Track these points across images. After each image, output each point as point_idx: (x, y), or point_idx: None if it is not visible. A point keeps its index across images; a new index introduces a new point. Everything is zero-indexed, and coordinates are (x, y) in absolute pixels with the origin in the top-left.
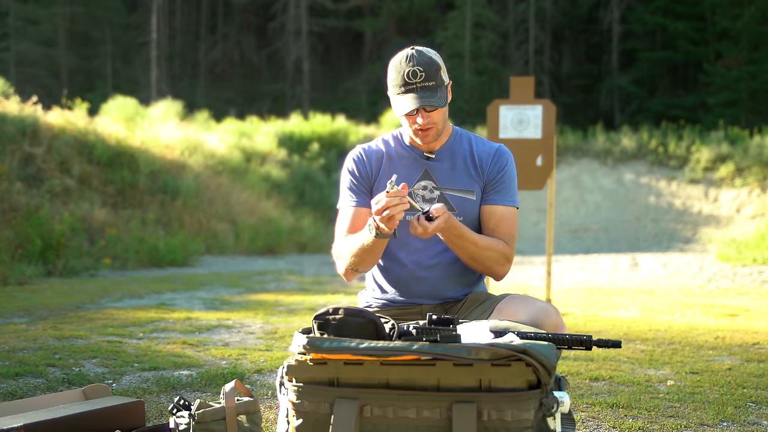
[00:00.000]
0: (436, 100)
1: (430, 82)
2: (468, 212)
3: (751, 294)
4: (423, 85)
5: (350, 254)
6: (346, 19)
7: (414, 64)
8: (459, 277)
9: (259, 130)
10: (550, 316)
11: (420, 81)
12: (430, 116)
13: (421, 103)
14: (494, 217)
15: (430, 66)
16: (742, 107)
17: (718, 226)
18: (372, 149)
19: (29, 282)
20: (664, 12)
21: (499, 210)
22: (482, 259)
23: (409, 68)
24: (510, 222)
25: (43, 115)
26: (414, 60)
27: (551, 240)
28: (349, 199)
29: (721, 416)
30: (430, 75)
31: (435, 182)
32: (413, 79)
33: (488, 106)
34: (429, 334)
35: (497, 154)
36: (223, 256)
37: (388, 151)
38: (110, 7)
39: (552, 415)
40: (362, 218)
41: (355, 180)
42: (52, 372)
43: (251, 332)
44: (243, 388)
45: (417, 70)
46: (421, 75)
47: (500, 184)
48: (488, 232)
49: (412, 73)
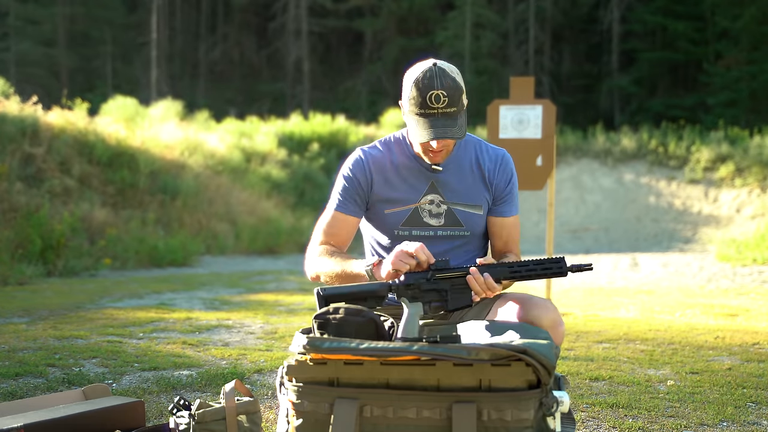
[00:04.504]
0: (456, 130)
1: (452, 108)
2: (475, 227)
3: (751, 294)
4: (444, 112)
5: (328, 274)
6: (346, 19)
7: (438, 87)
8: None
9: (259, 130)
10: (548, 312)
11: (442, 107)
12: (446, 142)
13: (440, 134)
14: (505, 229)
15: (454, 91)
16: (742, 107)
17: (718, 226)
18: (375, 156)
19: (29, 282)
20: (664, 12)
21: (509, 222)
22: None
23: (433, 91)
24: (517, 230)
25: (43, 115)
26: (439, 82)
27: (551, 240)
28: (337, 203)
29: (721, 416)
30: (454, 101)
31: (442, 196)
32: (435, 103)
33: (488, 106)
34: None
35: (503, 164)
36: (223, 256)
37: (391, 159)
38: (110, 7)
39: (552, 415)
40: (342, 225)
41: (349, 186)
42: (52, 372)
43: (251, 332)
44: (243, 388)
45: (441, 95)
46: (444, 101)
47: (508, 195)
48: (500, 243)
49: (436, 97)
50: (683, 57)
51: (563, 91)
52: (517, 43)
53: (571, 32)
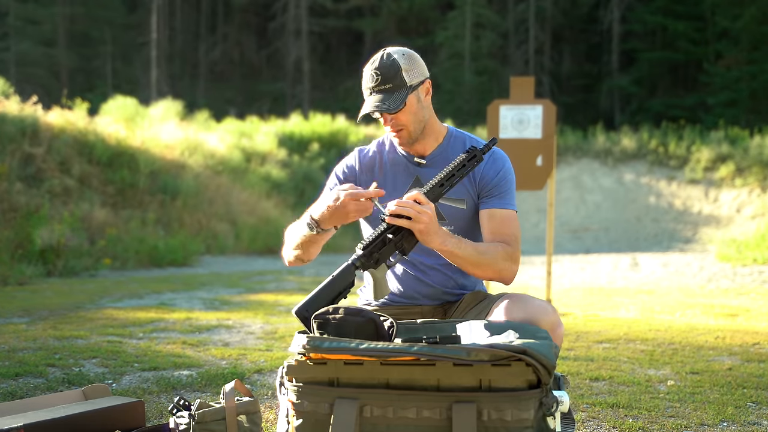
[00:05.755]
0: (390, 103)
1: (386, 84)
2: (458, 221)
3: (751, 294)
4: (379, 89)
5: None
6: (346, 19)
7: (373, 68)
8: (459, 278)
9: (259, 130)
10: (547, 314)
11: (376, 85)
12: (396, 119)
13: (373, 107)
14: (494, 220)
15: (388, 68)
16: (742, 107)
17: (718, 226)
18: (368, 156)
19: (29, 282)
20: (664, 12)
21: (498, 212)
22: (484, 263)
23: (368, 72)
24: (511, 223)
25: (43, 115)
26: (375, 63)
27: (551, 240)
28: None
29: (721, 416)
30: (387, 78)
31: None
32: (370, 83)
33: (488, 106)
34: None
35: (491, 160)
36: (223, 256)
37: (381, 158)
38: (110, 7)
39: (552, 415)
40: None
41: (339, 183)
42: (52, 372)
43: (251, 332)
44: (243, 388)
45: (374, 74)
46: (377, 78)
47: (496, 189)
48: (489, 235)
49: (370, 77)
50: (683, 57)
51: (563, 91)
52: (517, 43)
53: (571, 32)
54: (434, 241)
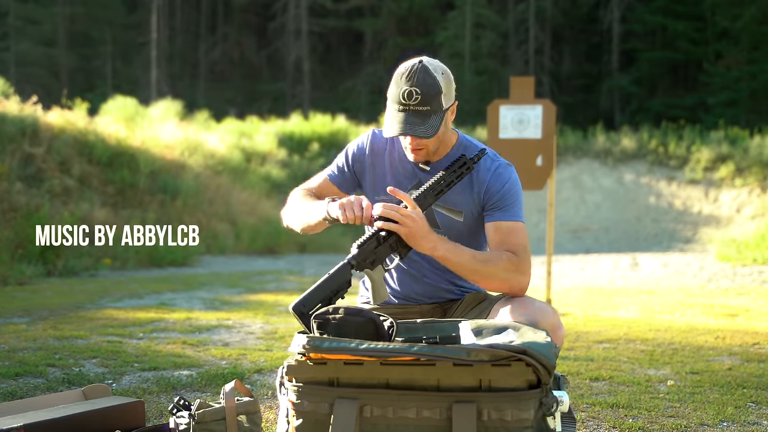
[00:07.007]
0: (424, 128)
1: (424, 107)
2: (452, 232)
3: (751, 294)
4: (416, 109)
5: (295, 209)
6: (346, 19)
7: (412, 84)
8: (459, 279)
9: (259, 130)
10: (547, 315)
11: (414, 104)
12: (421, 141)
13: (406, 130)
14: (500, 231)
15: (429, 89)
16: (742, 107)
17: (718, 226)
18: (382, 144)
19: (29, 282)
20: (664, 12)
21: (504, 225)
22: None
23: (407, 87)
24: (518, 234)
25: (43, 115)
26: (414, 79)
27: (551, 240)
28: (331, 170)
29: (721, 416)
30: (427, 99)
31: None
32: (407, 100)
33: (488, 106)
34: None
35: (495, 174)
36: (223, 256)
37: (392, 152)
38: (110, 7)
39: (552, 415)
40: (327, 192)
41: (347, 163)
42: (52, 372)
43: (251, 332)
44: (243, 388)
45: (414, 92)
46: (416, 98)
47: (501, 202)
48: (496, 247)
49: (408, 93)
50: (683, 57)
51: (563, 91)
52: (517, 43)
53: (571, 32)
54: (423, 246)
